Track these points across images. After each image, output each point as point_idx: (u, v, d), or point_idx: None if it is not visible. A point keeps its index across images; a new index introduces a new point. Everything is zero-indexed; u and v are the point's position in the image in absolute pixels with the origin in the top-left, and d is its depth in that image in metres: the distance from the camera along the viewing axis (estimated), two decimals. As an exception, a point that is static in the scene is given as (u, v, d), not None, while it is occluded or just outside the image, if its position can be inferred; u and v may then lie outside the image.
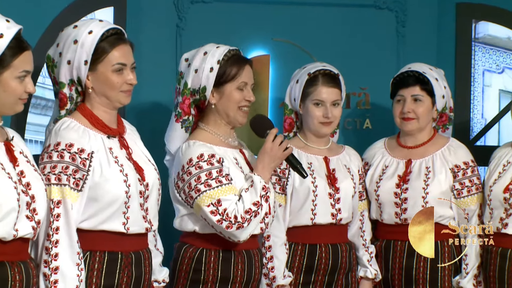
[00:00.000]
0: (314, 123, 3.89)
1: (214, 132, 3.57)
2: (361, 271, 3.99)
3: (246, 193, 3.41)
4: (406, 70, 4.01)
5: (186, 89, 3.53)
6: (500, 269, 3.82)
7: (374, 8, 4.63)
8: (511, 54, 4.73)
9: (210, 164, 3.43)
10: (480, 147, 4.68)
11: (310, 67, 3.93)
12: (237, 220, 3.36)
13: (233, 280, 3.50)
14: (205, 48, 3.55)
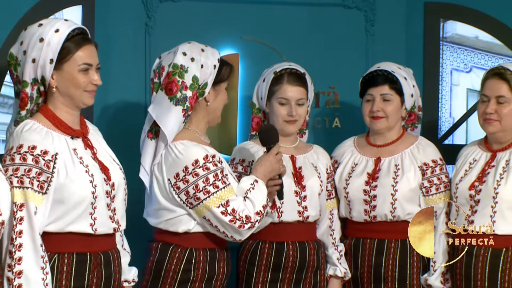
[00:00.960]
0: (279, 122, 3.90)
1: (196, 131, 3.59)
2: (330, 270, 4.01)
3: (254, 195, 3.47)
4: (375, 69, 4.03)
5: (196, 83, 3.52)
6: (466, 266, 3.83)
7: (343, 7, 4.65)
8: (479, 54, 4.76)
9: (215, 165, 3.46)
10: (448, 145, 4.71)
11: (277, 66, 3.94)
12: (249, 220, 3.43)
13: (216, 278, 3.53)
14: (198, 45, 3.59)
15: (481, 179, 3.85)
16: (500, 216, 3.77)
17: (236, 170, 3.88)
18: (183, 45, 3.57)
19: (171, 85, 3.50)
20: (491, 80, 3.84)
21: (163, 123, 3.51)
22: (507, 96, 3.80)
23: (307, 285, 3.90)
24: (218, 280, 3.55)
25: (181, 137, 3.52)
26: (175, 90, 3.50)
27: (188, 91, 3.50)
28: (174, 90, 3.50)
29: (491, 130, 3.85)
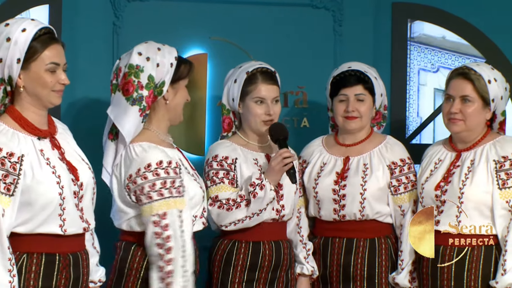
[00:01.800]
0: (256, 121, 3.90)
1: (156, 131, 3.59)
2: (298, 268, 4.02)
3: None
4: (347, 69, 4.04)
5: (152, 82, 3.52)
6: (433, 265, 3.86)
7: (311, 7, 4.65)
8: (446, 54, 4.79)
9: (166, 173, 3.45)
10: (416, 145, 4.73)
11: (247, 66, 3.94)
12: (169, 242, 3.40)
13: None
14: (154, 44, 3.58)
15: (447, 179, 3.88)
16: (465, 216, 3.79)
17: (222, 167, 3.87)
18: (140, 45, 3.58)
19: (127, 86, 3.51)
20: (456, 80, 3.87)
21: (120, 124, 3.52)
22: (472, 96, 3.83)
23: (280, 284, 3.91)
24: None
25: (141, 139, 3.53)
26: (131, 90, 3.51)
27: (144, 90, 3.50)
28: (130, 90, 3.51)
29: (456, 130, 3.87)
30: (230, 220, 3.79)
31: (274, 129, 3.86)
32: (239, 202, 3.77)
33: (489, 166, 3.81)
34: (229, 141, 3.96)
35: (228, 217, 3.79)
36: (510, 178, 3.77)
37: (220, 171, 3.84)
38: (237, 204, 3.77)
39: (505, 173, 3.78)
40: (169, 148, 3.58)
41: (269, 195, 3.76)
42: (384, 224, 4.03)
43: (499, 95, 3.85)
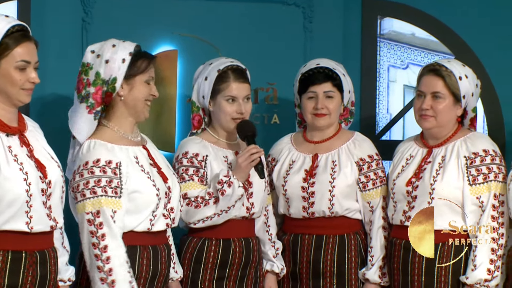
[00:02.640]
0: (227, 119, 3.89)
1: (116, 129, 3.55)
2: (267, 265, 4.02)
3: None
4: (315, 66, 4.04)
5: (99, 79, 3.49)
6: (403, 261, 3.87)
7: (281, 4, 4.66)
8: (415, 50, 4.82)
9: (102, 172, 3.43)
10: (386, 141, 4.76)
11: (217, 63, 3.92)
12: (103, 241, 3.38)
13: (138, 276, 3.50)
14: (112, 41, 3.54)
15: (418, 175, 3.89)
16: (436, 212, 3.80)
17: (192, 164, 3.85)
18: (98, 43, 3.56)
19: (79, 84, 3.52)
20: (427, 77, 3.88)
21: (71, 123, 3.54)
22: (443, 92, 3.85)
23: (250, 281, 3.91)
24: (141, 279, 3.51)
25: (95, 136, 3.53)
26: (81, 88, 3.51)
27: (91, 87, 3.49)
28: (80, 88, 3.52)
29: (427, 126, 3.89)
30: (199, 217, 3.78)
31: (242, 126, 3.85)
32: (207, 199, 3.76)
33: (460, 162, 3.83)
34: (199, 137, 3.94)
35: (196, 214, 3.78)
36: (481, 174, 3.80)
37: (190, 168, 3.82)
38: (206, 202, 3.76)
39: (475, 169, 3.81)
40: (127, 146, 3.55)
41: (237, 192, 3.75)
42: (353, 220, 4.04)
43: (470, 92, 3.87)
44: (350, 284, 3.99)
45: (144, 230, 3.52)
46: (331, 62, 4.07)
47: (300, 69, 4.10)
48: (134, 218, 3.48)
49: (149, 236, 3.54)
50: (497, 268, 3.75)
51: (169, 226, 3.61)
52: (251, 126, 3.85)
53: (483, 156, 3.82)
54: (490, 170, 3.80)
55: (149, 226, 3.52)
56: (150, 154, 3.62)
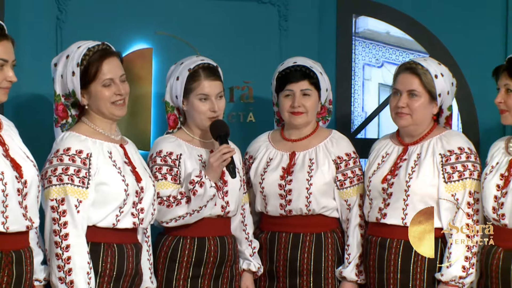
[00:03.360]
0: (201, 118, 3.88)
1: (94, 126, 3.56)
2: (244, 264, 4.02)
3: None
4: (292, 65, 4.04)
5: (56, 96, 3.54)
6: (379, 258, 3.89)
7: (257, 2, 4.66)
8: (390, 49, 4.84)
9: (71, 160, 3.43)
10: (361, 139, 4.77)
11: (188, 62, 3.90)
12: (65, 228, 3.39)
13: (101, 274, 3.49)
14: (68, 51, 3.55)
15: (393, 172, 3.91)
16: (412, 209, 3.82)
17: (166, 163, 3.84)
18: (60, 54, 3.58)
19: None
20: (403, 75, 3.90)
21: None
22: (418, 90, 3.86)
23: (225, 280, 3.91)
24: (105, 276, 3.50)
25: (73, 129, 3.55)
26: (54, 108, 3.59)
27: (55, 104, 3.56)
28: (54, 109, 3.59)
29: (403, 124, 3.91)
30: (170, 216, 3.77)
31: (214, 126, 3.84)
32: (179, 199, 3.75)
33: (435, 159, 3.85)
34: (174, 136, 3.93)
35: (168, 213, 3.77)
36: (456, 172, 3.82)
37: (163, 167, 3.81)
38: (178, 201, 3.75)
39: (450, 167, 3.83)
40: (102, 141, 3.54)
41: (209, 192, 3.75)
42: (330, 218, 4.05)
43: (446, 90, 3.89)
44: (327, 283, 4.00)
45: (109, 226, 3.50)
46: (308, 60, 4.08)
47: (278, 67, 4.10)
48: (99, 212, 3.47)
49: (115, 234, 3.52)
50: (471, 265, 3.77)
51: (136, 225, 3.58)
52: (223, 126, 3.85)
53: (458, 154, 3.84)
54: (465, 167, 3.82)
55: (114, 222, 3.50)
56: (127, 153, 3.62)
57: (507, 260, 3.67)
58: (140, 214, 3.58)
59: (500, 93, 3.72)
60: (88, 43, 3.53)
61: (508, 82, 3.69)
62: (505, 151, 3.81)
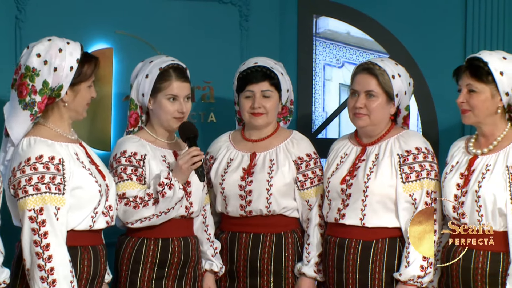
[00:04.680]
0: (167, 118, 3.87)
1: (54, 128, 3.53)
2: (206, 264, 4.02)
3: None
4: (253, 65, 4.04)
5: (46, 88, 3.45)
6: (338, 258, 3.90)
7: (218, 2, 4.66)
8: (351, 49, 4.86)
9: (45, 168, 3.40)
10: (322, 139, 4.79)
11: (159, 61, 3.88)
12: (46, 238, 3.35)
13: (79, 277, 3.48)
14: (56, 44, 3.49)
15: (352, 173, 3.92)
16: (370, 210, 3.85)
17: (131, 163, 3.81)
18: (41, 43, 3.49)
19: (22, 88, 3.46)
20: (361, 75, 3.92)
21: (10, 125, 3.48)
22: (376, 91, 3.88)
23: (188, 280, 3.90)
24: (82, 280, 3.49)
25: (34, 133, 3.49)
26: (24, 93, 3.45)
27: (38, 96, 3.45)
28: (23, 93, 3.45)
29: (361, 124, 3.92)
30: (136, 217, 3.76)
31: (184, 128, 3.84)
32: (146, 200, 3.74)
33: (393, 160, 3.87)
34: (137, 136, 3.91)
35: (134, 214, 3.75)
36: (413, 172, 3.84)
37: (128, 167, 3.80)
38: (145, 202, 3.74)
39: (408, 167, 3.85)
40: (66, 143, 3.52)
41: (178, 194, 3.74)
42: (290, 218, 4.06)
43: (403, 90, 3.92)
44: (287, 282, 4.01)
45: (86, 228, 3.50)
46: (269, 61, 4.08)
47: (239, 67, 4.10)
48: (76, 215, 3.46)
49: (90, 236, 3.52)
50: (429, 265, 3.79)
51: (108, 224, 3.59)
52: (193, 128, 3.84)
53: (416, 154, 3.87)
54: (422, 167, 3.85)
55: (91, 224, 3.50)
56: (88, 152, 3.62)
57: (468, 259, 3.69)
58: (110, 212, 3.60)
59: (462, 93, 3.74)
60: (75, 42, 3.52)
61: (471, 82, 3.71)
62: (465, 151, 3.84)
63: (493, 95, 3.70)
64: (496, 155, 3.70)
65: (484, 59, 3.68)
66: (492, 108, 3.71)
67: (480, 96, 3.70)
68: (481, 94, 3.70)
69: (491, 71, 3.67)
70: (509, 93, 3.68)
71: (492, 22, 4.51)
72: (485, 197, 3.65)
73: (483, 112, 3.71)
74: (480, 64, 3.69)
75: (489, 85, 3.69)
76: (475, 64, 3.70)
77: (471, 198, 3.69)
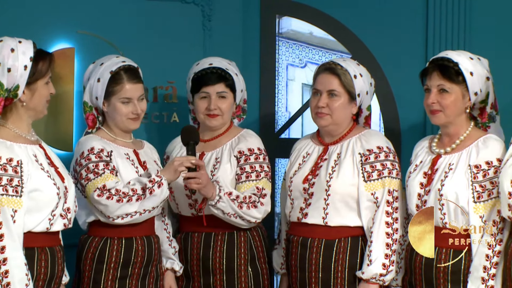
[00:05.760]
0: (122, 120, 3.86)
1: (13, 128, 3.49)
2: (168, 263, 4.01)
3: None
4: (208, 67, 4.02)
5: (2, 90, 3.41)
6: (301, 258, 3.91)
7: (180, 2, 4.65)
8: (313, 49, 4.87)
9: (3, 170, 3.36)
10: (285, 139, 4.80)
11: (109, 64, 3.86)
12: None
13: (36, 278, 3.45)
14: (8, 43, 3.45)
15: (314, 172, 3.94)
16: (332, 208, 3.86)
17: (101, 159, 3.79)
18: None
19: None
20: (323, 75, 3.93)
21: None
22: (338, 90, 3.90)
23: (151, 279, 3.89)
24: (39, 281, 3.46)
25: None
26: None
27: None
28: None
29: (323, 124, 3.94)
30: (119, 213, 3.73)
31: (186, 132, 3.84)
32: (131, 195, 3.72)
33: (354, 159, 3.89)
34: (97, 135, 3.90)
35: (117, 209, 3.73)
36: (375, 170, 3.86)
37: (100, 163, 3.77)
38: (129, 197, 3.71)
39: (370, 166, 3.87)
40: (25, 144, 3.49)
41: (165, 193, 3.75)
42: None
43: (365, 90, 3.94)
44: (240, 281, 4.00)
45: (43, 230, 3.47)
46: (223, 61, 4.07)
47: (193, 68, 4.09)
48: (33, 218, 3.43)
49: (47, 237, 3.49)
50: (391, 263, 3.81)
51: (66, 226, 3.56)
52: (195, 134, 3.85)
53: (377, 153, 3.88)
54: (384, 166, 3.87)
55: (48, 226, 3.47)
56: (47, 154, 3.59)
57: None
58: (68, 214, 3.56)
59: (432, 93, 3.74)
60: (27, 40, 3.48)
61: (442, 83, 3.73)
62: (428, 150, 3.86)
63: (463, 95, 3.73)
64: (459, 154, 3.73)
65: (454, 60, 3.71)
66: (461, 108, 3.74)
67: (451, 97, 3.72)
68: (452, 94, 3.72)
69: (461, 71, 3.70)
70: (478, 92, 3.72)
71: (453, 22, 4.55)
72: (448, 196, 3.68)
73: (454, 112, 3.74)
74: (450, 65, 3.71)
75: (460, 85, 3.72)
76: (445, 64, 3.72)
77: (434, 196, 3.72)
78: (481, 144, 3.71)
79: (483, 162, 3.67)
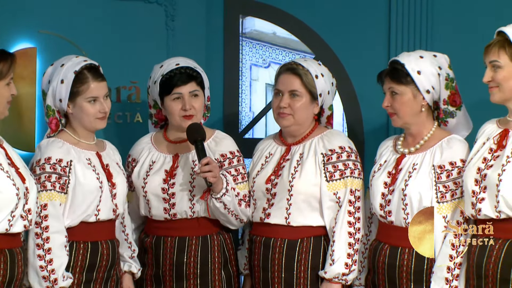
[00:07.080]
0: (90, 120, 3.81)
1: None
2: (125, 266, 3.98)
3: None
4: (176, 67, 3.98)
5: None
6: (264, 258, 3.91)
7: (144, 2, 4.63)
8: (277, 49, 4.88)
9: None
10: (249, 139, 4.80)
11: (71, 64, 3.80)
12: None
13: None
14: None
15: (277, 172, 3.94)
16: (295, 209, 3.87)
17: (55, 171, 3.73)
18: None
19: None
20: (284, 75, 3.94)
21: None
22: (300, 90, 3.91)
23: (113, 283, 3.87)
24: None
25: None
26: None
27: None
28: None
29: (285, 124, 3.94)
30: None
31: (192, 129, 3.83)
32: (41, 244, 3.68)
33: (317, 159, 3.90)
34: (60, 139, 3.83)
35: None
36: (337, 170, 3.88)
37: (52, 175, 3.72)
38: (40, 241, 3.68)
39: (332, 166, 3.88)
40: None
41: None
42: (215, 220, 4.01)
43: (326, 90, 3.95)
44: (214, 285, 3.98)
45: (2, 231, 3.44)
46: (189, 60, 4.04)
47: (156, 70, 4.03)
48: None
49: (7, 239, 3.46)
50: (354, 262, 3.83)
51: (26, 228, 3.53)
52: (201, 130, 3.85)
53: (339, 153, 3.90)
54: (346, 166, 3.88)
55: (8, 227, 3.44)
56: (8, 154, 3.55)
57: (393, 256, 3.74)
58: (29, 216, 3.53)
59: (386, 97, 3.79)
60: None
61: (392, 85, 3.76)
62: (393, 150, 3.89)
63: (414, 95, 3.75)
64: (423, 154, 3.76)
65: (401, 61, 3.74)
66: (416, 108, 3.76)
67: (402, 98, 3.75)
68: (403, 96, 3.75)
69: (408, 72, 3.73)
70: (430, 90, 3.75)
71: (415, 23, 4.58)
72: (411, 196, 3.70)
73: (407, 113, 3.76)
74: (398, 67, 3.75)
75: (409, 86, 3.75)
76: (394, 67, 3.76)
77: (397, 196, 3.74)
78: (445, 145, 3.74)
79: (447, 163, 3.69)
